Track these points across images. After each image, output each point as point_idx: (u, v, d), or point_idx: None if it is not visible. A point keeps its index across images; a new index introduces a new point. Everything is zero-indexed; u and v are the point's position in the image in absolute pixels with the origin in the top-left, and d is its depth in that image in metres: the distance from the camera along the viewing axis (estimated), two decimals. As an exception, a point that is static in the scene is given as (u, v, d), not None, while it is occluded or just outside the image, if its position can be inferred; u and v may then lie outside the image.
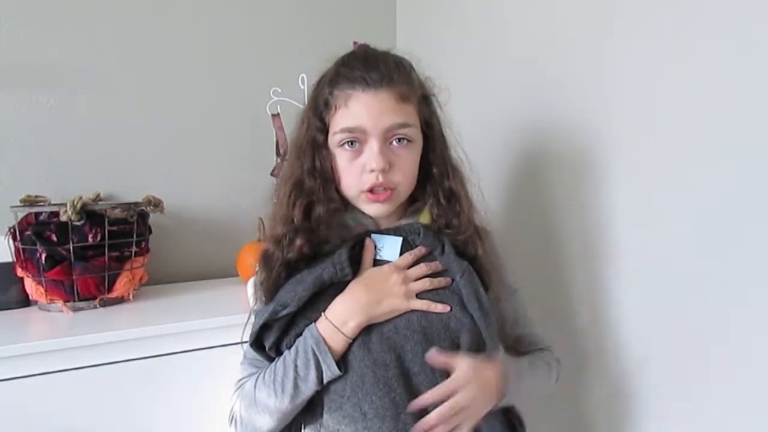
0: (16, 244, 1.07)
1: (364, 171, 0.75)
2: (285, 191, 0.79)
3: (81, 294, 1.06)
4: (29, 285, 1.08)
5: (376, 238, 0.79)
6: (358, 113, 0.74)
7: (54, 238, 1.04)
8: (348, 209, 0.81)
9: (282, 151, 1.27)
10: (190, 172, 1.38)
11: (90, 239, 1.06)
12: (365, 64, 0.76)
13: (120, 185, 1.30)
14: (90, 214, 1.06)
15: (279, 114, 1.28)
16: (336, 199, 0.78)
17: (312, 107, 0.80)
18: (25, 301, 1.11)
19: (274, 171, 1.28)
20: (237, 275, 1.31)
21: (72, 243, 1.04)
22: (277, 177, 1.25)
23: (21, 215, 1.09)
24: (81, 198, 1.04)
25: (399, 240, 0.78)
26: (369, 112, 0.73)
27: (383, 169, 0.74)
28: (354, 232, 0.80)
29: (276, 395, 0.72)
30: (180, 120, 1.36)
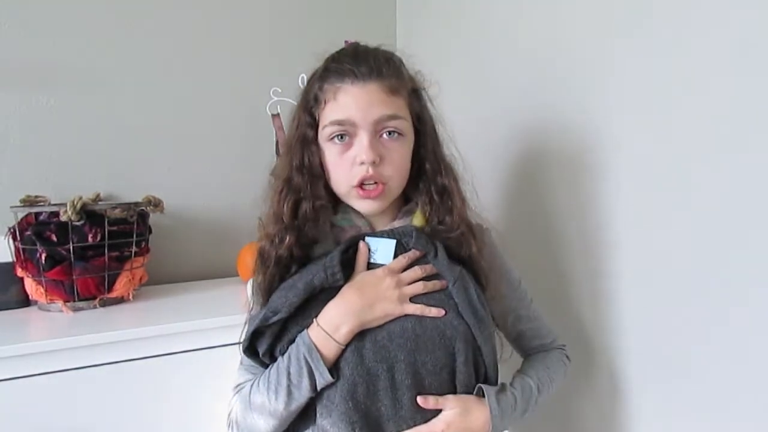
0: (16, 244, 1.07)
1: (354, 164, 0.74)
2: (275, 189, 0.79)
3: (81, 294, 1.06)
4: (29, 285, 1.08)
5: (369, 241, 0.77)
6: (347, 105, 0.73)
7: (54, 238, 1.04)
8: (340, 210, 0.80)
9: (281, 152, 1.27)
10: (190, 172, 1.38)
11: (90, 239, 1.06)
12: (354, 58, 0.75)
13: (120, 185, 1.30)
14: (90, 214, 1.06)
15: (279, 114, 1.28)
16: (323, 196, 0.77)
17: (302, 104, 0.79)
18: (25, 301, 1.12)
19: (274, 171, 1.27)
20: (237, 275, 1.31)
21: (72, 243, 1.04)
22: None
23: (21, 215, 1.09)
24: (81, 198, 1.04)
25: (393, 242, 0.76)
26: (358, 104, 0.73)
27: (373, 162, 0.72)
28: (347, 234, 0.79)
29: (270, 402, 0.71)
30: (180, 120, 1.37)
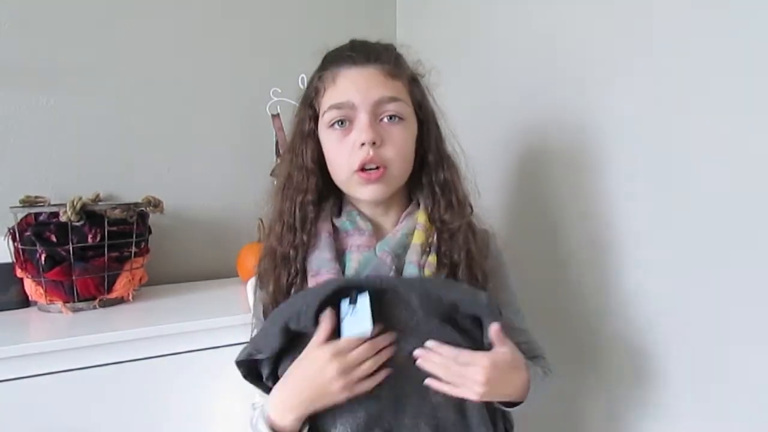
0: (15, 244, 1.07)
1: (354, 148, 0.72)
2: (277, 186, 0.80)
3: (81, 294, 1.06)
4: (29, 286, 1.08)
5: (342, 305, 0.69)
6: (345, 88, 0.73)
7: (54, 238, 1.04)
8: (344, 212, 0.78)
9: (282, 152, 1.27)
10: (190, 172, 1.38)
11: (90, 240, 1.06)
12: (352, 47, 0.76)
13: (120, 185, 1.30)
14: (90, 214, 1.06)
15: (279, 114, 1.28)
16: (311, 190, 0.76)
17: (303, 100, 0.80)
18: (25, 302, 1.11)
19: (274, 171, 1.27)
20: (237, 275, 1.31)
21: (72, 243, 1.04)
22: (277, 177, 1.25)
23: (21, 216, 1.08)
24: (81, 198, 1.04)
25: (366, 303, 0.68)
26: (357, 86, 0.72)
27: (373, 142, 0.71)
28: (346, 242, 0.76)
29: None
30: (180, 120, 1.36)
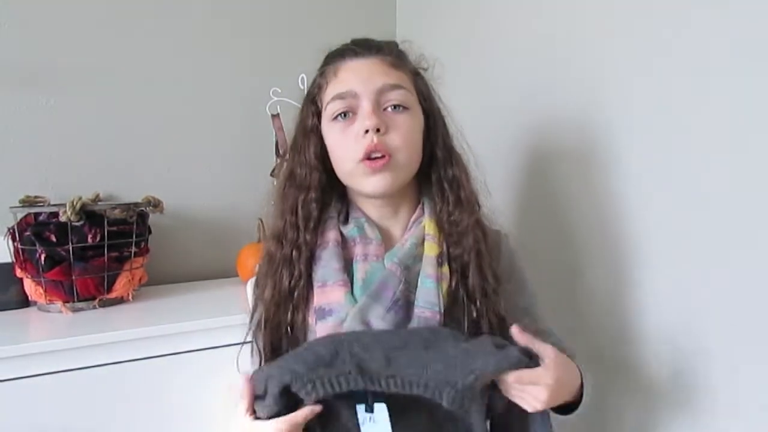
0: (15, 244, 1.07)
1: (358, 137, 0.70)
2: (280, 184, 0.79)
3: (80, 294, 1.06)
4: (28, 285, 1.08)
5: (360, 411, 0.61)
6: (347, 79, 0.72)
7: (53, 238, 1.04)
8: (352, 219, 0.77)
9: (282, 151, 1.27)
10: (190, 172, 1.38)
11: (89, 240, 1.06)
12: (353, 42, 0.77)
13: (120, 185, 1.30)
14: (89, 214, 1.06)
15: (279, 114, 1.28)
16: (314, 187, 0.75)
17: (306, 97, 0.79)
18: (25, 302, 1.11)
19: (273, 171, 1.27)
20: (237, 275, 1.31)
21: (71, 243, 1.04)
22: (277, 177, 1.25)
23: (20, 216, 1.08)
24: (80, 198, 1.04)
25: (387, 426, 0.60)
26: (359, 75, 0.72)
27: (377, 129, 0.69)
28: (353, 251, 0.74)
29: None
30: (180, 120, 1.36)
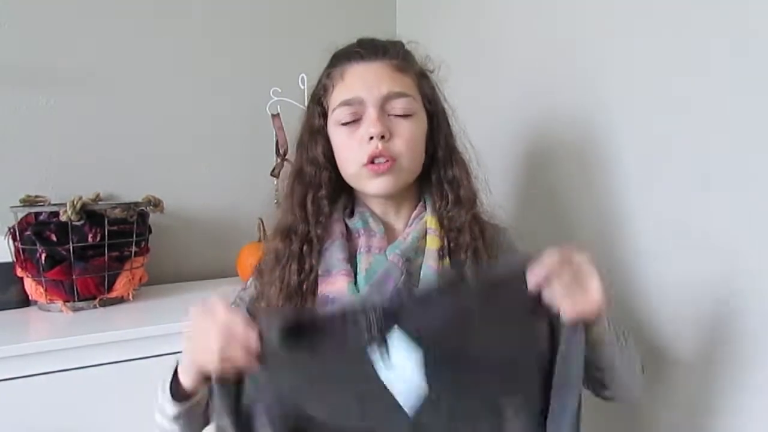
0: (15, 244, 1.07)
1: (362, 142, 0.72)
2: (288, 182, 0.80)
3: (81, 294, 1.06)
4: (29, 285, 1.08)
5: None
6: (353, 85, 0.73)
7: (54, 238, 1.04)
8: (357, 213, 0.78)
9: (282, 151, 1.27)
10: (190, 172, 1.38)
11: (90, 239, 1.06)
12: (360, 44, 0.77)
13: (120, 185, 1.30)
14: (90, 214, 1.06)
15: (279, 114, 1.28)
16: (325, 184, 0.76)
17: (312, 98, 0.80)
18: (25, 301, 1.11)
19: (274, 171, 1.28)
20: (237, 275, 1.31)
21: (72, 243, 1.04)
22: (277, 177, 1.25)
23: (21, 215, 1.08)
24: (81, 198, 1.04)
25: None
26: (365, 82, 0.73)
27: (382, 135, 0.71)
28: (357, 243, 0.75)
29: None
30: (180, 120, 1.36)
